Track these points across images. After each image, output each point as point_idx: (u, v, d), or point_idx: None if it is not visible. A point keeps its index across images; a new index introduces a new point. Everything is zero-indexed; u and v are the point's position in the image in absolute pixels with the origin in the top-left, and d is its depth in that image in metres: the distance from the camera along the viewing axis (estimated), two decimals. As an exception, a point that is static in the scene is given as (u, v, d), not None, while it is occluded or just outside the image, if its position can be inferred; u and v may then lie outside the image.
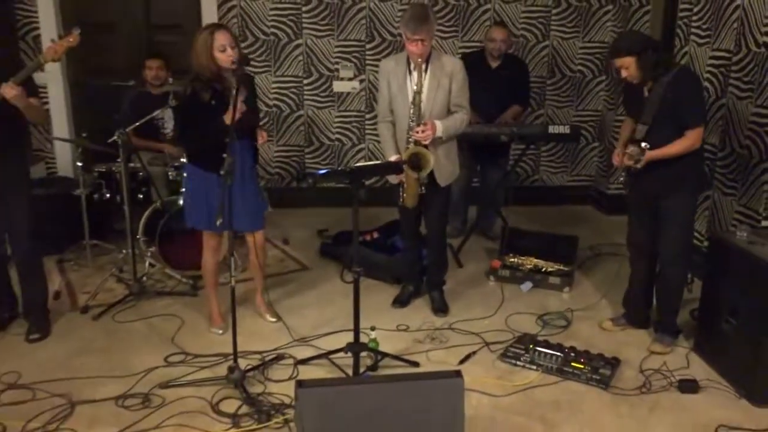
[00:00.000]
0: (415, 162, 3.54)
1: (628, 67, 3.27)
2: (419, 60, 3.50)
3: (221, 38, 3.27)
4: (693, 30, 4.70)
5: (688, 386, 3.21)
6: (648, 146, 3.25)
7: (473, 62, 4.99)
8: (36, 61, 3.37)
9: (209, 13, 5.60)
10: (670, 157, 3.30)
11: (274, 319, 3.87)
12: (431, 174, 3.65)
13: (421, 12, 3.47)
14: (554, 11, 5.94)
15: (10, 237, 3.64)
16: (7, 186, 3.49)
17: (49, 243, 4.58)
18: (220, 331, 3.71)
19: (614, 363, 3.39)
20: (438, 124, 3.56)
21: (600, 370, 3.31)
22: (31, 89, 3.44)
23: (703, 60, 4.57)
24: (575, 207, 6.22)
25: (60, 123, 5.60)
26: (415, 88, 3.54)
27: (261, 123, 3.67)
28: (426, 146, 3.56)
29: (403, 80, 3.64)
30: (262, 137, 3.54)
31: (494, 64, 4.98)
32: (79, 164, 4.61)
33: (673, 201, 3.41)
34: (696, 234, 4.63)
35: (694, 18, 4.68)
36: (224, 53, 3.27)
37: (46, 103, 5.51)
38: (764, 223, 3.91)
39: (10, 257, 3.75)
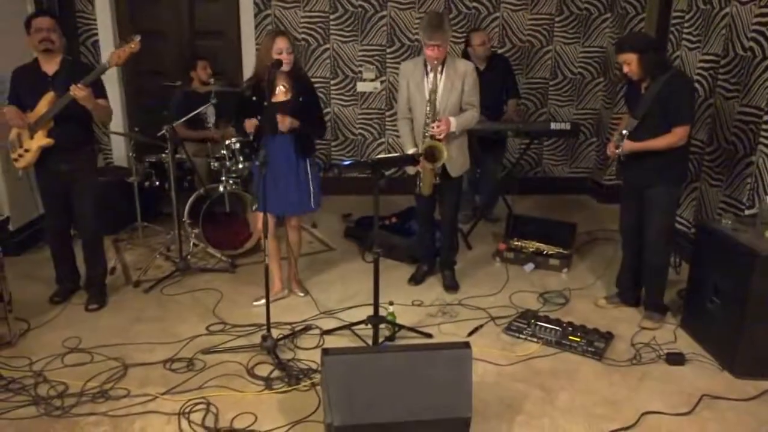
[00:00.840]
0: (431, 154, 3.51)
1: (630, 63, 3.20)
2: (435, 63, 3.47)
3: (280, 42, 3.32)
4: (684, 36, 4.59)
5: (675, 359, 3.17)
6: (626, 132, 3.21)
7: None
8: (102, 65, 3.37)
9: (247, 21, 5.57)
10: (656, 150, 3.24)
11: (302, 294, 3.87)
12: (444, 166, 3.62)
13: (437, 20, 3.44)
14: (557, 19, 5.84)
15: (78, 220, 3.67)
16: (77, 176, 3.52)
17: (106, 224, 4.62)
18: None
19: (608, 337, 3.35)
20: (452, 120, 3.54)
21: (595, 343, 3.28)
22: (100, 91, 3.45)
23: (693, 63, 4.47)
24: (574, 196, 6.14)
25: (115, 118, 5.57)
26: (430, 87, 3.52)
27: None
28: (440, 140, 3.52)
29: (420, 81, 3.61)
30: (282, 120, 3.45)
31: (482, 66, 4.86)
32: (132, 155, 4.64)
33: (656, 191, 3.35)
34: (684, 221, 4.56)
35: (686, 25, 4.57)
36: (281, 56, 3.31)
37: (104, 100, 5.55)
38: (747, 212, 3.83)
39: (73, 237, 3.80)
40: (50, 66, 3.40)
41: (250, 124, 3.37)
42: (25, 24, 3.40)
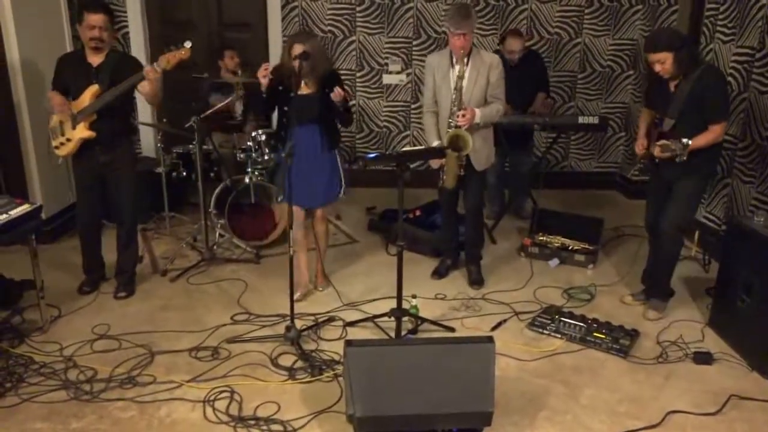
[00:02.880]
0: (456, 143, 3.50)
1: (664, 62, 3.11)
2: (461, 52, 3.46)
3: (297, 49, 3.33)
4: (718, 28, 4.48)
5: (703, 358, 3.12)
6: (689, 142, 3.06)
7: None
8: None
9: (274, 13, 5.59)
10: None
11: (322, 288, 3.87)
12: (468, 159, 3.60)
13: (464, 9, 3.47)
14: (587, 10, 5.74)
15: (116, 210, 3.73)
16: (116, 166, 3.58)
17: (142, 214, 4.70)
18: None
19: (633, 334, 3.31)
20: (477, 110, 3.53)
21: (620, 340, 3.24)
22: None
23: (727, 56, 4.37)
24: (601, 191, 6.05)
25: (144, 110, 5.69)
26: (457, 74, 3.51)
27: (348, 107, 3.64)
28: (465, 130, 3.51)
29: (446, 72, 3.60)
30: (338, 93, 3.45)
31: (513, 64, 4.82)
32: (160, 146, 4.71)
33: (684, 183, 3.30)
34: (714, 218, 4.47)
35: (720, 17, 4.46)
36: (295, 61, 3.33)
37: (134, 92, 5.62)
38: (781, 210, 3.74)
39: (103, 227, 3.88)
40: (96, 58, 3.43)
41: (264, 69, 3.35)
42: (77, 11, 3.39)
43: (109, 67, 3.41)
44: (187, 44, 3.35)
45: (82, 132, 3.42)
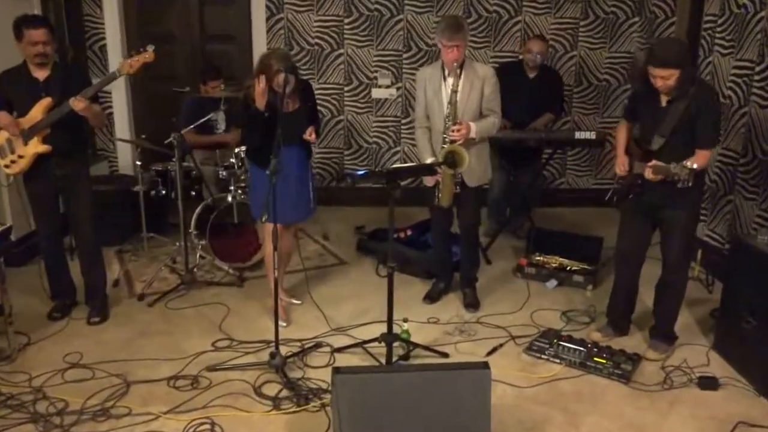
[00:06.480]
0: (451, 159, 3.50)
1: (670, 78, 2.96)
2: (454, 65, 3.48)
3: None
4: (717, 41, 4.55)
5: (708, 383, 3.11)
6: (694, 166, 2.89)
7: (511, 71, 4.89)
8: (111, 74, 3.42)
9: (258, 25, 5.63)
10: None
11: (299, 301, 3.91)
12: (461, 176, 3.61)
13: (456, 21, 3.50)
14: (582, 23, 5.83)
15: (75, 230, 3.70)
16: (72, 185, 3.57)
17: (110, 234, 4.66)
18: (285, 324, 3.64)
19: (635, 359, 3.30)
20: (472, 124, 3.53)
21: (621, 365, 3.23)
22: (93, 97, 3.46)
23: (726, 70, 4.43)
24: (599, 209, 6.06)
25: (122, 125, 5.70)
26: (451, 88, 3.52)
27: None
28: (460, 145, 3.50)
29: (438, 86, 3.62)
30: (309, 133, 3.52)
31: (531, 75, 4.88)
32: (138, 163, 4.69)
33: (678, 211, 3.19)
34: (717, 237, 4.50)
35: (719, 29, 4.54)
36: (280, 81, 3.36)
37: (110, 107, 5.62)
38: (785, 228, 3.77)
39: (66, 250, 3.83)
40: (41, 72, 3.41)
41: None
42: (14, 28, 3.33)
43: (59, 79, 3.40)
44: (150, 47, 3.36)
45: (36, 147, 3.40)
